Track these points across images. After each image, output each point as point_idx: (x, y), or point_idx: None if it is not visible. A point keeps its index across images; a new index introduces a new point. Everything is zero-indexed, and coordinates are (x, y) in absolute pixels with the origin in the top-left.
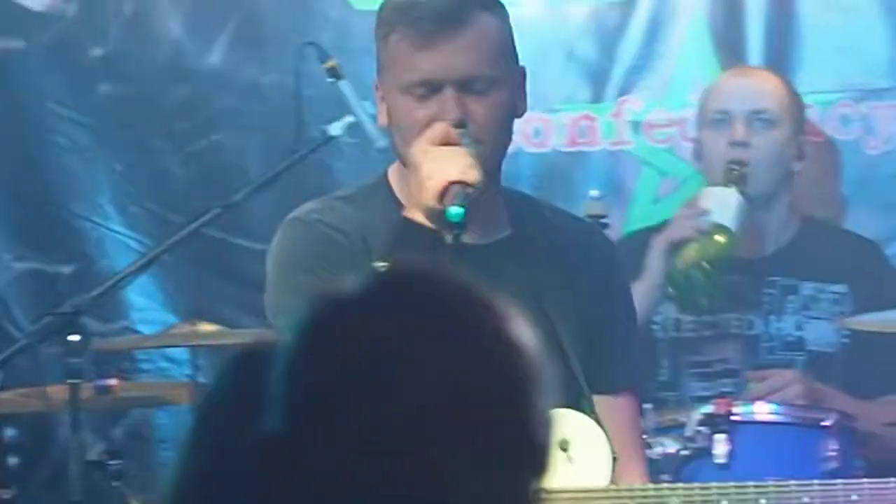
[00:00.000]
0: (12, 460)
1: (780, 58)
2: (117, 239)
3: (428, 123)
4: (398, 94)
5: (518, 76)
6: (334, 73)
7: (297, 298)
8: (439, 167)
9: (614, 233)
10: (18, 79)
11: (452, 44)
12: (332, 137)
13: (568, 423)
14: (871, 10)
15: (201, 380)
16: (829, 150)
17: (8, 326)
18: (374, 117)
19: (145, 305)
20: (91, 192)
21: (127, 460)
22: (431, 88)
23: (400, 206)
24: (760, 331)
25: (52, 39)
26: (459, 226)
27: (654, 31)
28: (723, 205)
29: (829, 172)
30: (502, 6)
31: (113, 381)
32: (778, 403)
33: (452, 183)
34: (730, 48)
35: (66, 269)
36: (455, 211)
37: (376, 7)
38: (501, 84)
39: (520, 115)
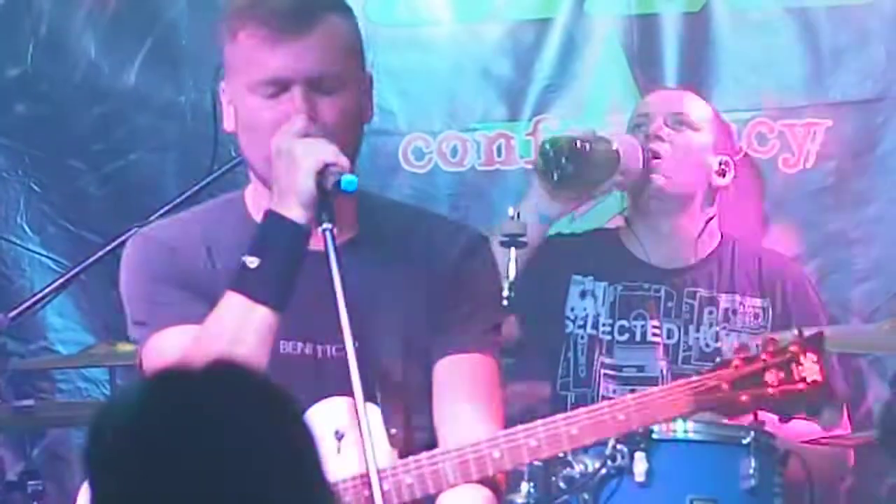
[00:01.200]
0: None
1: (696, 77)
2: (34, 259)
3: (278, 122)
4: (247, 93)
5: (366, 81)
6: None
7: (143, 305)
8: (313, 150)
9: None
10: None
11: (301, 42)
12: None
13: (341, 414)
14: (785, 29)
15: None
16: (750, 167)
17: None
18: None
19: (63, 326)
20: (8, 211)
21: (46, 481)
22: (280, 87)
23: (251, 219)
24: (678, 340)
25: None
26: (328, 202)
27: (570, 50)
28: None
29: (750, 190)
30: (350, 9)
31: (31, 402)
32: (696, 420)
33: (329, 164)
34: (646, 67)
35: None
36: (349, 178)
37: None
38: (349, 85)
39: (367, 120)
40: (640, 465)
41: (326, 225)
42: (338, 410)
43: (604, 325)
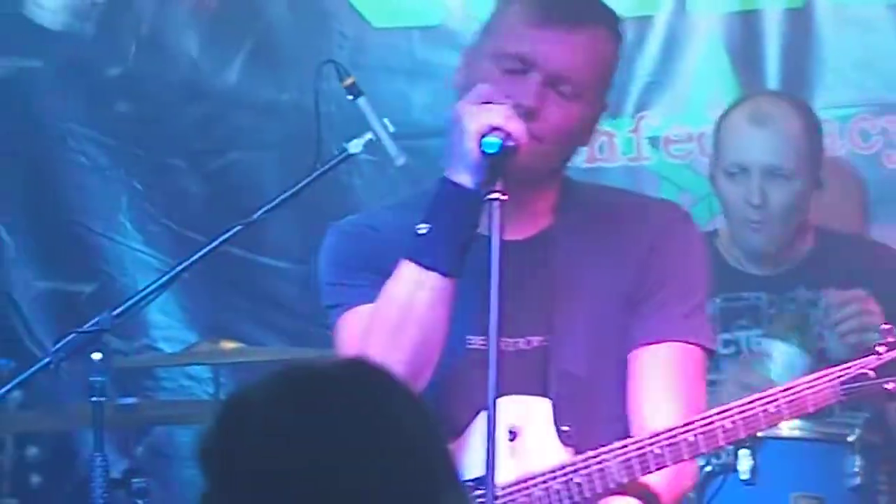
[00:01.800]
0: (35, 479)
1: (797, 74)
2: (137, 257)
3: (505, 94)
4: (489, 60)
5: (599, 108)
6: (353, 90)
7: (334, 289)
8: (481, 112)
9: None
10: (36, 98)
11: (561, 37)
12: (350, 155)
13: (515, 411)
14: (887, 25)
15: (223, 397)
16: (849, 165)
17: (30, 345)
18: (393, 135)
19: (166, 323)
20: (111, 210)
21: (149, 478)
22: (521, 67)
23: None
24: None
25: (70, 59)
26: (496, 166)
27: (672, 47)
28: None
29: (850, 188)
30: (620, 36)
31: (135, 400)
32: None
33: (494, 128)
34: (748, 64)
35: (87, 288)
36: (491, 141)
37: (394, 25)
38: (587, 98)
39: (582, 143)
40: (745, 462)
41: (490, 194)
42: (511, 409)
43: None
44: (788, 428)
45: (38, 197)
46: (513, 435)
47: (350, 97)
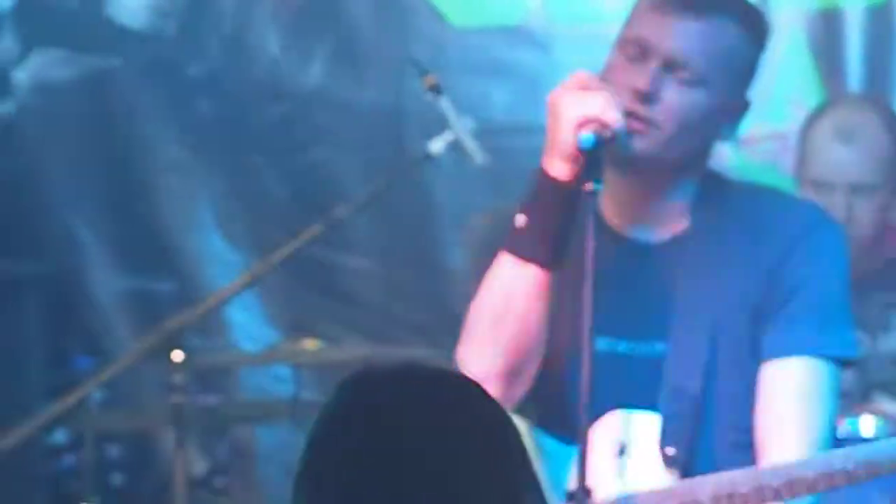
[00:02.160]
0: (116, 478)
1: (879, 72)
2: (218, 256)
3: (625, 84)
4: (615, 47)
5: (736, 101)
6: (434, 89)
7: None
8: (577, 102)
9: None
10: (117, 98)
11: (681, 23)
12: (431, 154)
13: (625, 426)
14: None
15: (304, 397)
16: None
17: (110, 344)
18: (470, 134)
19: (247, 322)
20: (191, 209)
21: (230, 477)
22: (642, 52)
23: None
24: (868, 348)
25: (151, 58)
26: (593, 162)
27: None
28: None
29: None
30: (758, 34)
31: (216, 399)
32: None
33: (589, 119)
34: (829, 63)
35: (168, 287)
36: (585, 136)
37: (474, 24)
38: (709, 87)
39: (721, 138)
40: None
41: (588, 185)
42: (622, 423)
43: None
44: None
45: (118, 196)
46: (622, 450)
47: (431, 96)
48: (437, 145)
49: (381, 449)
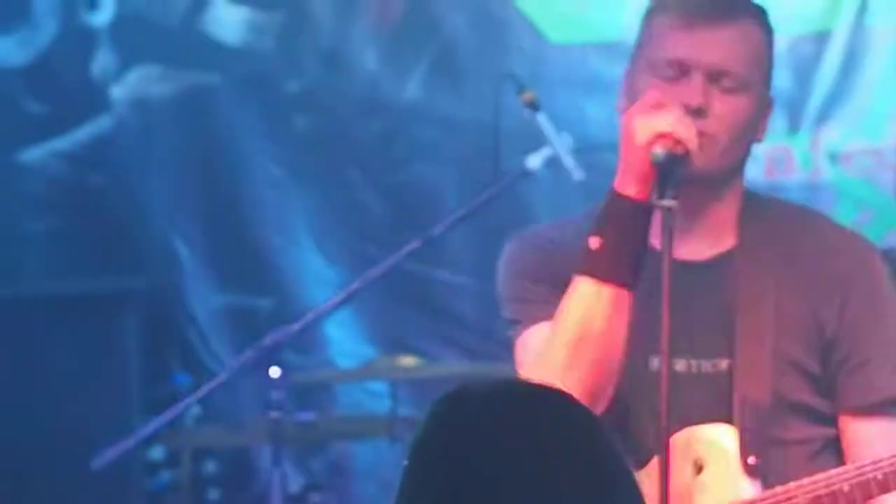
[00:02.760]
0: (214, 493)
1: None
2: (315, 271)
3: (674, 99)
4: (647, 71)
5: (766, 99)
6: (532, 105)
7: (515, 304)
8: (650, 120)
9: None
10: (215, 113)
11: (712, 34)
12: (529, 170)
13: (701, 443)
14: None
15: (401, 413)
16: None
17: (208, 360)
18: (569, 150)
19: (344, 338)
20: (289, 225)
21: (327, 493)
22: (681, 71)
23: None
24: None
25: (248, 74)
26: (666, 174)
27: (851, 61)
28: None
29: None
30: (771, 29)
31: (313, 415)
32: None
33: (661, 135)
34: None
35: (265, 303)
36: (658, 151)
37: (571, 40)
38: (749, 91)
39: (757, 139)
40: None
41: (663, 202)
42: (698, 439)
43: None
44: None
45: (216, 211)
46: (699, 468)
47: (529, 112)
48: (534, 161)
49: (478, 465)
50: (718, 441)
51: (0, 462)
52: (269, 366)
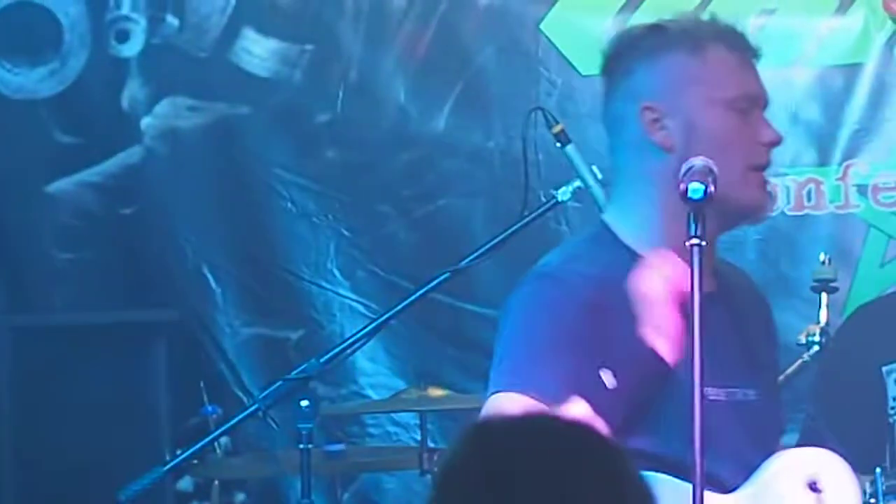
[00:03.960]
0: None
1: None
2: (345, 303)
3: (748, 137)
4: (714, 107)
5: None
6: (561, 137)
7: (555, 370)
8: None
9: (841, 296)
10: (245, 144)
11: (755, 70)
12: (559, 202)
13: (816, 463)
14: None
15: (430, 444)
16: None
17: (237, 391)
18: (601, 182)
19: (374, 370)
20: (318, 256)
21: None
22: (750, 104)
23: (631, 251)
24: None
25: (279, 105)
26: (698, 212)
27: (880, 94)
28: None
29: None
30: None
31: (342, 446)
32: None
33: (697, 173)
34: None
35: (295, 334)
36: (693, 186)
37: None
38: None
39: None
40: None
41: (691, 240)
42: (804, 461)
43: None
44: None
45: (245, 243)
46: (815, 488)
47: (558, 144)
48: (565, 193)
49: (503, 494)
50: (831, 463)
51: (29, 492)
52: (299, 397)
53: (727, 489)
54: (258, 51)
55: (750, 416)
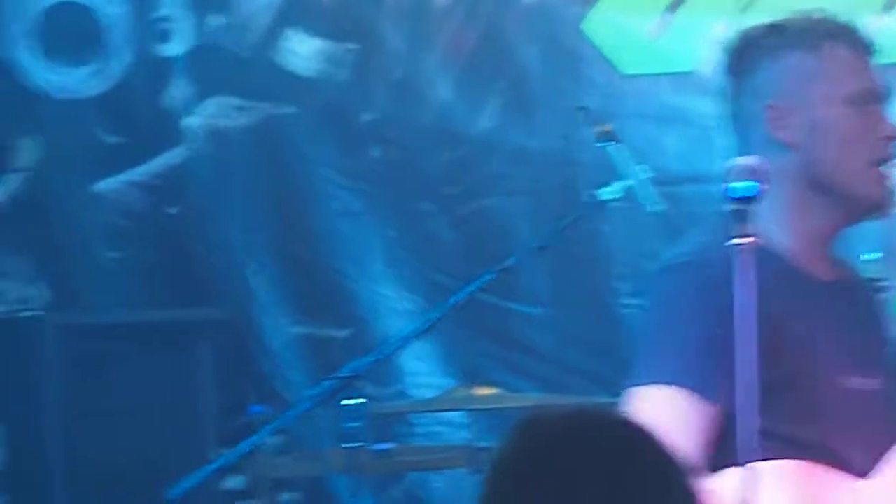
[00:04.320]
0: None
1: None
2: (390, 302)
3: (870, 131)
4: (839, 104)
5: None
6: (606, 137)
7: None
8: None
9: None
10: (290, 144)
11: (874, 66)
12: (603, 202)
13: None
14: None
15: (479, 443)
16: None
17: (284, 391)
18: (645, 181)
19: (420, 369)
20: (364, 255)
21: None
22: (873, 99)
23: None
24: None
25: (323, 105)
26: (743, 210)
27: None
28: None
29: None
30: None
31: (389, 445)
32: None
33: (744, 170)
34: None
35: (341, 334)
36: (733, 185)
37: (643, 71)
38: None
39: None
40: None
41: (736, 241)
42: None
43: None
44: None
45: (290, 241)
46: None
47: (601, 144)
48: (610, 192)
49: (552, 494)
50: None
51: (78, 490)
52: (346, 397)
53: (860, 475)
54: (302, 50)
55: (877, 404)
